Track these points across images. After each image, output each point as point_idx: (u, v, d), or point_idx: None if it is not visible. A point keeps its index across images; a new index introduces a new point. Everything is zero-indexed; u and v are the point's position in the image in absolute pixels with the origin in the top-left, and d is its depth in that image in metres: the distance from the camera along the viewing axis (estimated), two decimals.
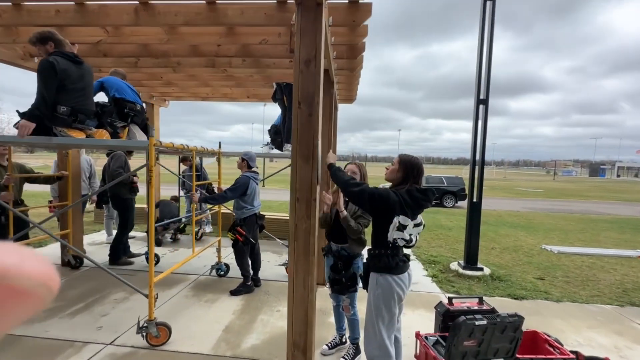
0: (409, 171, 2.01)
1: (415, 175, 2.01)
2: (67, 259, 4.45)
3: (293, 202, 2.12)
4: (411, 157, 2.05)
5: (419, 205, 1.99)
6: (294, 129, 2.09)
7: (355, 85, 5.15)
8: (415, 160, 2.04)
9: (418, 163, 2.04)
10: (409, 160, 2.03)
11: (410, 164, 2.02)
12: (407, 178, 2.00)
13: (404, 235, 1.97)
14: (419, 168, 2.02)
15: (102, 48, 3.80)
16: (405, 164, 2.03)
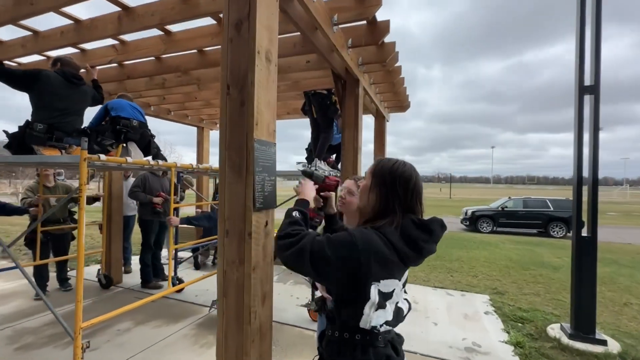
0: (390, 188, 1.07)
1: (406, 193, 1.06)
2: (99, 277, 4.53)
3: (221, 237, 1.39)
4: (392, 163, 1.11)
5: (419, 251, 1.03)
6: (221, 123, 1.40)
7: (399, 86, 4.21)
8: (398, 168, 1.09)
9: (405, 171, 1.09)
10: (387, 169, 1.10)
11: (390, 175, 1.08)
12: (390, 203, 1.06)
13: (386, 313, 1.03)
14: (408, 180, 1.07)
15: (126, 71, 3.86)
16: (380, 176, 1.10)
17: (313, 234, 1.05)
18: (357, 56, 3.12)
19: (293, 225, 1.11)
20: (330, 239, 1.00)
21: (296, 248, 0.99)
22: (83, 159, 2.14)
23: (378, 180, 1.09)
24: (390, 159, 1.14)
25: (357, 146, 3.22)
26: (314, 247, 0.98)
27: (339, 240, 0.99)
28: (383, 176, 1.08)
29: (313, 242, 0.99)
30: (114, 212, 4.70)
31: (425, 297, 4.54)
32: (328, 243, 0.98)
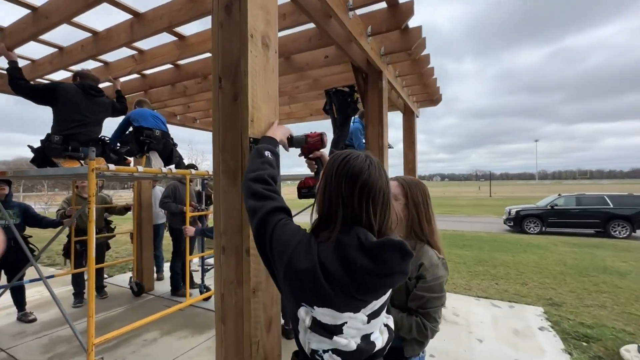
0: (334, 188, 0.81)
1: (351, 195, 0.80)
2: (131, 285, 4.61)
3: (217, 255, 1.20)
4: (343, 156, 0.86)
5: (359, 283, 0.73)
6: (214, 122, 1.21)
7: (428, 76, 3.84)
8: (348, 161, 0.83)
9: (355, 165, 0.82)
10: (335, 164, 0.84)
11: (337, 170, 0.83)
12: (332, 207, 0.81)
13: (335, 343, 0.78)
14: (356, 176, 0.80)
15: (148, 81, 3.89)
16: (327, 174, 0.85)
17: (278, 206, 0.89)
18: (379, 45, 2.85)
19: (266, 169, 0.98)
20: (283, 227, 0.84)
21: (258, 204, 0.89)
22: (91, 169, 2.09)
23: (325, 178, 0.85)
24: (346, 151, 0.87)
25: (383, 144, 2.94)
26: (265, 220, 0.86)
27: (288, 231, 0.83)
28: (330, 173, 0.83)
29: (270, 213, 0.87)
30: (144, 221, 4.78)
31: (468, 308, 4.09)
32: (278, 225, 0.84)
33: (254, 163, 0.98)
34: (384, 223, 0.80)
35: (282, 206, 0.89)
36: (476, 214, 19.57)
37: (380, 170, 0.83)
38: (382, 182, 0.81)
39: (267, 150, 1.03)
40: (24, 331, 3.53)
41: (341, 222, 0.77)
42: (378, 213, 0.79)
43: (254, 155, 1.01)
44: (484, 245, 8.75)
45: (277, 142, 1.11)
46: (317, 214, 0.85)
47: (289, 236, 0.80)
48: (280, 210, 0.87)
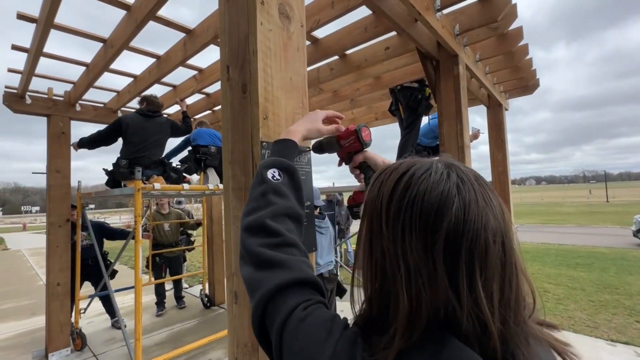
0: (390, 248, 0.40)
1: (455, 266, 0.36)
2: (201, 297, 4.75)
3: (229, 305, 0.90)
4: (398, 174, 0.43)
5: None
6: (223, 126, 0.93)
7: (521, 56, 3.06)
8: (414, 179, 0.41)
9: (425, 193, 0.39)
10: (381, 184, 0.44)
11: (392, 200, 0.42)
12: (388, 289, 0.40)
13: None
14: (432, 215, 0.38)
15: (212, 99, 4.00)
16: (371, 211, 0.44)
17: (291, 280, 0.48)
18: (452, 23, 2.31)
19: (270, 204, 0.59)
20: (301, 323, 0.42)
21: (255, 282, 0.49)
22: (137, 189, 2.07)
23: (368, 222, 0.45)
24: (404, 162, 0.46)
25: (463, 144, 2.34)
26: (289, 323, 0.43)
27: (306, 336, 0.41)
28: (374, 211, 0.44)
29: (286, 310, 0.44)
30: (215, 235, 4.94)
31: (598, 355, 3.04)
32: (298, 324, 0.42)
33: (252, 195, 0.62)
34: (509, 308, 0.37)
35: (299, 277, 0.48)
36: (590, 223, 15.97)
37: (485, 191, 0.41)
38: (492, 219, 0.38)
39: (273, 167, 0.64)
40: (114, 337, 3.86)
41: (407, 319, 0.36)
42: (495, 290, 0.37)
43: (254, 180, 0.65)
44: (608, 264, 6.87)
45: (296, 145, 0.73)
46: (365, 296, 0.44)
47: (312, 344, 0.39)
48: (295, 285, 0.47)
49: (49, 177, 3.48)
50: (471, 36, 2.49)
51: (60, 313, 3.45)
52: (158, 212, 4.70)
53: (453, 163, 0.44)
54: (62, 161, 3.55)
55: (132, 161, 2.61)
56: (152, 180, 2.63)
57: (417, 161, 0.45)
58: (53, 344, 3.39)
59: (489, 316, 0.35)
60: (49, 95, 3.53)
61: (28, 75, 2.86)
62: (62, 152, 3.56)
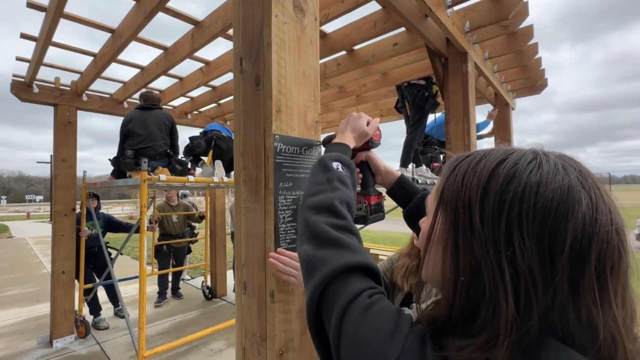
0: (491, 249, 0.34)
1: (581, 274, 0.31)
2: (202, 289, 4.80)
3: (238, 296, 0.91)
4: (493, 164, 0.38)
5: None
6: (235, 118, 0.93)
7: (530, 55, 3.04)
8: (518, 169, 0.35)
9: (536, 183, 0.33)
10: (476, 182, 0.38)
11: (496, 193, 0.36)
12: (490, 286, 0.34)
13: None
14: (550, 210, 0.32)
15: (217, 92, 4.00)
16: (456, 205, 0.39)
17: (357, 262, 0.46)
18: (462, 20, 2.29)
19: (336, 189, 0.59)
20: (366, 311, 0.39)
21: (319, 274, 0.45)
22: (143, 180, 2.09)
23: (453, 214, 0.40)
24: (494, 150, 0.42)
25: (470, 142, 2.34)
26: (351, 309, 0.40)
27: (370, 326, 0.38)
28: (463, 203, 0.39)
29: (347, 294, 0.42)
30: (217, 227, 4.97)
31: None
32: (362, 312, 0.39)
33: (316, 181, 0.61)
34: (632, 323, 0.34)
35: (365, 263, 0.45)
36: None
37: (603, 186, 0.37)
38: (620, 220, 0.35)
39: (337, 161, 0.65)
40: (117, 326, 3.91)
41: (512, 326, 0.32)
42: (626, 302, 0.34)
43: (317, 169, 0.65)
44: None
45: (350, 148, 0.74)
46: (445, 299, 0.40)
47: (378, 336, 0.37)
48: (360, 270, 0.45)
49: (55, 166, 3.50)
50: (481, 34, 2.47)
51: (65, 300, 3.50)
52: (167, 204, 4.74)
53: (564, 156, 0.38)
54: (68, 150, 3.57)
55: (138, 152, 2.63)
56: (157, 171, 2.65)
57: (512, 148, 0.40)
58: (57, 331, 3.44)
59: (623, 333, 0.32)
60: (56, 85, 3.55)
61: (36, 65, 2.87)
62: (69, 141, 3.58)
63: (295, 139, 0.86)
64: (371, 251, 6.47)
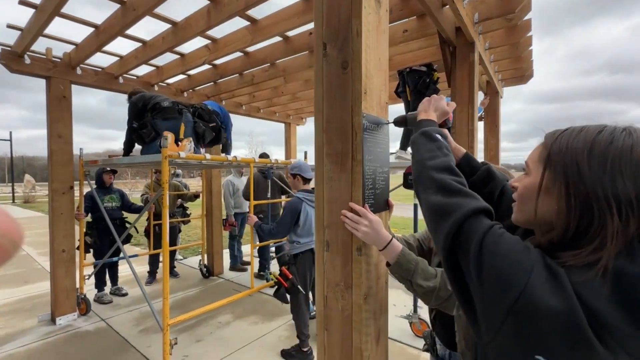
0: (595, 186, 0.52)
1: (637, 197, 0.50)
2: (200, 267, 4.89)
3: (319, 251, 1.05)
4: (595, 133, 0.56)
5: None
6: (316, 98, 1.04)
7: (525, 47, 3.27)
8: (611, 141, 0.53)
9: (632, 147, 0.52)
10: (581, 148, 0.55)
11: (591, 158, 0.54)
12: (594, 219, 0.52)
13: None
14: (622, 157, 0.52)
15: (219, 70, 3.95)
16: (566, 164, 0.56)
17: (484, 207, 0.63)
18: (473, 11, 2.44)
19: (447, 155, 0.78)
20: (500, 238, 0.56)
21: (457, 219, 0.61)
22: (164, 156, 2.12)
23: (562, 167, 0.56)
24: (588, 126, 0.58)
25: (474, 128, 2.55)
26: (488, 236, 0.57)
27: (508, 247, 0.55)
28: (570, 159, 0.55)
29: (485, 225, 0.59)
30: (214, 207, 5.01)
31: None
32: (498, 238, 0.56)
33: (428, 148, 0.78)
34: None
35: (488, 207, 0.62)
36: None
37: None
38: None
39: (438, 133, 0.82)
40: (118, 304, 3.93)
41: (618, 237, 0.49)
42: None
43: (423, 139, 0.82)
44: None
45: (435, 123, 0.91)
46: (544, 229, 0.58)
47: (516, 254, 0.53)
48: (488, 213, 0.62)
49: (51, 143, 3.38)
50: (486, 26, 2.64)
51: (66, 278, 3.47)
52: (157, 183, 4.69)
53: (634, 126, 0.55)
54: (63, 126, 3.44)
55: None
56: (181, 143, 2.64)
57: (603, 124, 0.57)
58: (60, 309, 3.43)
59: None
60: (48, 56, 3.36)
61: (35, 35, 2.72)
62: (64, 117, 3.45)
63: (374, 118, 0.99)
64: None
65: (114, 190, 4.07)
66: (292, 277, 2.75)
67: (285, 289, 2.78)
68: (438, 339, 1.29)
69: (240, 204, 5.18)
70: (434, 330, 1.34)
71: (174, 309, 3.78)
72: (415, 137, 0.84)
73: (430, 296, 0.93)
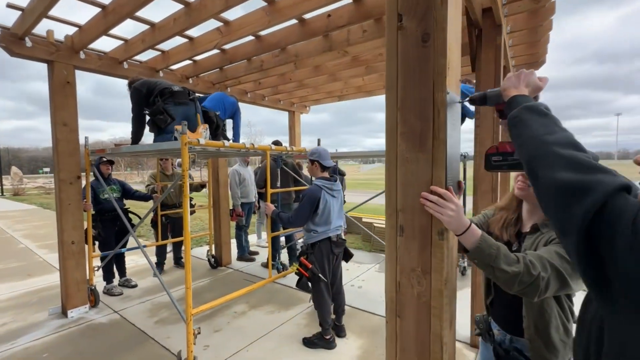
0: None
1: None
2: (208, 258, 4.85)
3: (391, 236, 1.01)
4: None
5: None
6: (388, 74, 0.98)
7: (544, 32, 3.22)
8: None
9: None
10: None
11: None
12: None
13: None
14: None
15: (227, 56, 3.82)
16: None
17: (626, 183, 0.57)
18: None
19: (565, 130, 0.72)
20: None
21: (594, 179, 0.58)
22: (184, 143, 2.04)
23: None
24: None
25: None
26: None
27: None
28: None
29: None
30: (221, 198, 4.93)
31: None
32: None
33: (542, 123, 0.72)
34: None
35: (631, 183, 0.57)
36: None
37: None
38: None
39: (545, 107, 0.77)
40: (129, 296, 3.87)
41: None
42: None
43: (530, 114, 0.76)
44: None
45: (528, 98, 0.85)
46: None
47: None
48: (630, 189, 0.56)
49: (56, 131, 3.24)
50: (511, 8, 2.58)
51: (76, 271, 3.39)
52: (162, 173, 4.58)
53: None
54: (68, 113, 3.30)
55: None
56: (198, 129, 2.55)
57: None
58: (71, 302, 3.35)
59: None
60: (49, 39, 3.19)
61: (39, 15, 2.56)
62: (68, 104, 3.30)
63: (454, 95, 0.94)
64: (364, 219, 6.76)
65: (114, 181, 3.95)
66: (312, 266, 2.73)
67: (307, 279, 2.76)
68: (496, 324, 1.28)
69: (247, 193, 5.11)
70: (489, 315, 1.32)
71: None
72: (517, 113, 0.78)
73: (513, 282, 0.90)
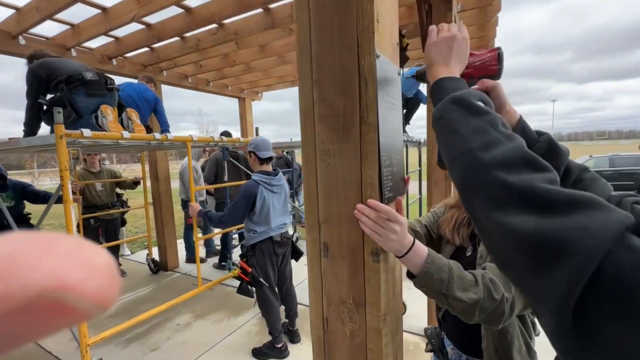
0: None
1: None
2: (148, 262, 4.37)
3: (314, 260, 0.74)
4: None
5: None
6: (300, 36, 0.69)
7: (493, 14, 3.14)
8: None
9: None
10: None
11: None
12: None
13: None
14: None
15: (154, 32, 3.29)
16: None
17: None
18: None
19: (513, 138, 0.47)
20: None
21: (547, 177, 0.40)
22: (59, 136, 1.58)
23: None
24: None
25: None
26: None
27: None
28: None
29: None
30: (162, 195, 4.41)
31: None
32: None
33: (474, 126, 0.47)
34: None
35: (632, 218, 0.34)
36: None
37: None
38: None
39: (479, 99, 0.51)
40: None
41: None
42: None
43: (460, 111, 0.50)
44: None
45: (461, 80, 0.60)
46: None
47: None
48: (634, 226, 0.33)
49: None
50: None
51: None
52: (87, 170, 3.94)
53: None
54: None
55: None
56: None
57: None
58: None
59: None
60: None
61: None
62: None
63: (388, 64, 0.68)
64: None
65: (7, 188, 3.03)
66: (252, 269, 2.44)
67: (248, 283, 2.48)
68: (449, 341, 1.10)
69: (202, 191, 4.65)
70: (442, 330, 1.14)
71: (122, 314, 3.27)
72: (442, 111, 0.53)
73: (472, 311, 0.68)
